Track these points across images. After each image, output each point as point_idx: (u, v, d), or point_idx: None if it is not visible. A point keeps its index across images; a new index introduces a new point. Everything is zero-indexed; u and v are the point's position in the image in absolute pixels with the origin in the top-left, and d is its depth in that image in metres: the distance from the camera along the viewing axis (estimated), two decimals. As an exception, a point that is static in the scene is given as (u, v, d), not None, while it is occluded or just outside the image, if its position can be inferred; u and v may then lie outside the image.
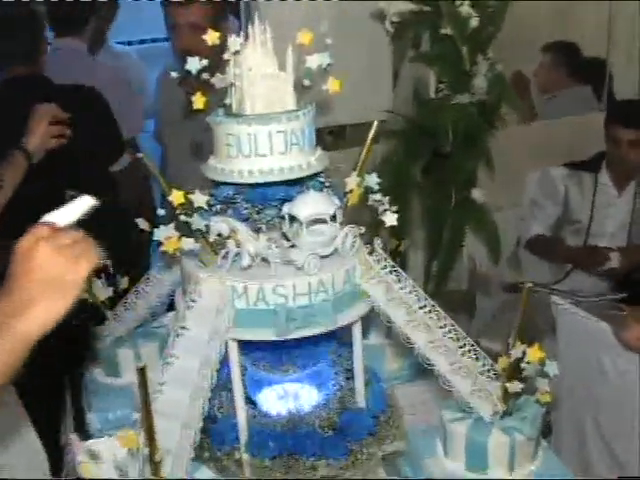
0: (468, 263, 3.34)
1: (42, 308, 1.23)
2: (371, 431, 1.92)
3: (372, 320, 2.31)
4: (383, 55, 3.22)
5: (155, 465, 1.53)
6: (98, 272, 2.23)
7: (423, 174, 3.05)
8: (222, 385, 1.99)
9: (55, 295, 1.24)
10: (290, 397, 2.00)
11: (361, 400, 1.98)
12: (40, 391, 2.28)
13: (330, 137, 3.35)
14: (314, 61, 1.77)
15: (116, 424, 2.09)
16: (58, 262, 1.23)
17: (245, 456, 1.85)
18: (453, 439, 1.81)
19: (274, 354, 1.91)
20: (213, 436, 1.91)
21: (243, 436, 1.86)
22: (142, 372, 1.46)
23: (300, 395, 2.01)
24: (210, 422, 1.94)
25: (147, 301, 2.16)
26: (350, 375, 2.02)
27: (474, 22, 2.79)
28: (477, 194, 2.94)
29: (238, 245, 1.71)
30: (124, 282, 2.27)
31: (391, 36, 3.03)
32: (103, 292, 2.21)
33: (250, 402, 1.97)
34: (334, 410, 1.94)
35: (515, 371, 1.78)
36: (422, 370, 2.29)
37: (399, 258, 2.34)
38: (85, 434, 2.10)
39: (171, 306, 2.23)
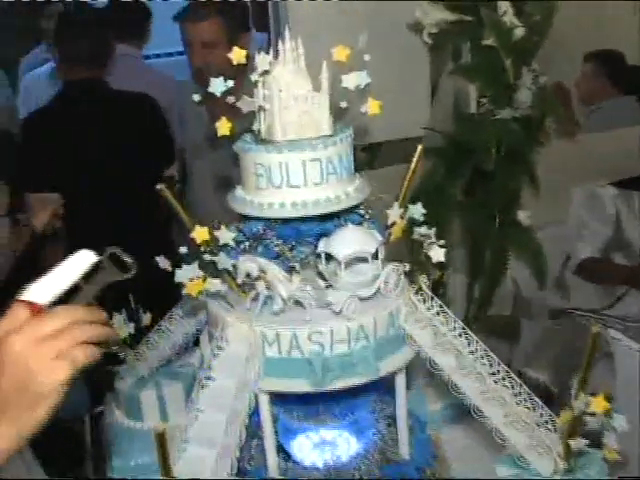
0: (512, 287, 3.14)
1: (7, 420, 0.98)
2: (415, 485, 1.74)
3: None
4: (421, 68, 3.03)
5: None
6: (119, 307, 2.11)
7: (464, 194, 2.87)
8: (252, 433, 1.82)
9: (24, 404, 0.98)
10: (327, 446, 1.82)
11: (405, 451, 1.80)
12: (59, 436, 2.14)
13: (364, 154, 3.16)
14: (351, 81, 1.59)
15: (138, 471, 1.94)
16: (32, 360, 0.98)
17: (277, 515, 1.69)
18: (510, 500, 1.62)
19: (309, 404, 1.73)
20: (243, 493, 1.74)
21: (275, 495, 1.69)
22: (161, 438, 1.30)
23: (338, 444, 1.83)
24: (240, 475, 1.78)
25: (171, 341, 2.00)
26: (392, 422, 1.84)
27: (519, 32, 2.61)
28: (523, 216, 2.75)
29: (269, 287, 1.53)
30: (146, 319, 2.11)
31: (429, 48, 2.85)
32: (124, 329, 2.06)
33: (282, 451, 1.80)
34: (375, 462, 1.76)
35: (578, 424, 1.59)
36: (461, 413, 2.15)
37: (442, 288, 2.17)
38: (105, 481, 1.96)
39: (197, 341, 2.07)
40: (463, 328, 1.66)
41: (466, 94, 2.84)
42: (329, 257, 1.57)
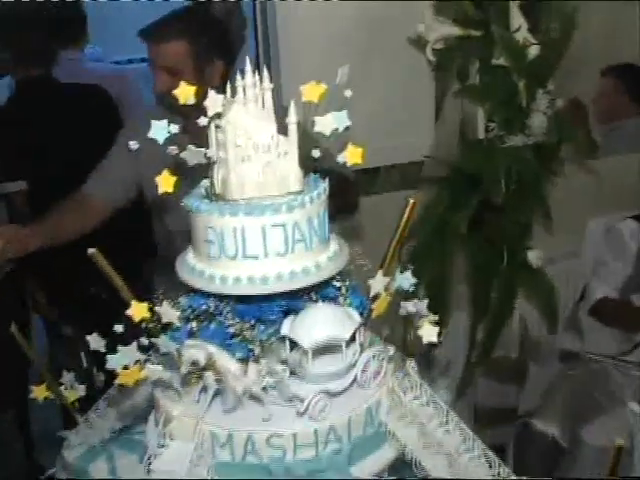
0: (519, 327, 2.86)
1: None
2: None
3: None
4: (424, 88, 2.74)
5: None
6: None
7: (470, 227, 2.58)
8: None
9: None
10: None
11: None
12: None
13: (365, 177, 2.88)
14: (327, 124, 1.30)
15: None
16: None
17: None
18: None
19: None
20: None
21: None
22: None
23: None
24: None
25: (120, 411, 1.72)
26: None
27: (534, 50, 2.32)
28: (533, 257, 2.47)
29: (219, 380, 1.26)
30: (99, 379, 1.84)
31: (433, 66, 2.56)
32: (73, 392, 1.79)
33: None
34: None
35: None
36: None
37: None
38: None
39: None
40: (457, 422, 1.38)
41: (473, 118, 2.55)
42: (294, 343, 1.29)
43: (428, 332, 1.40)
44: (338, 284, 1.38)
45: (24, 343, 1.82)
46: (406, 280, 1.40)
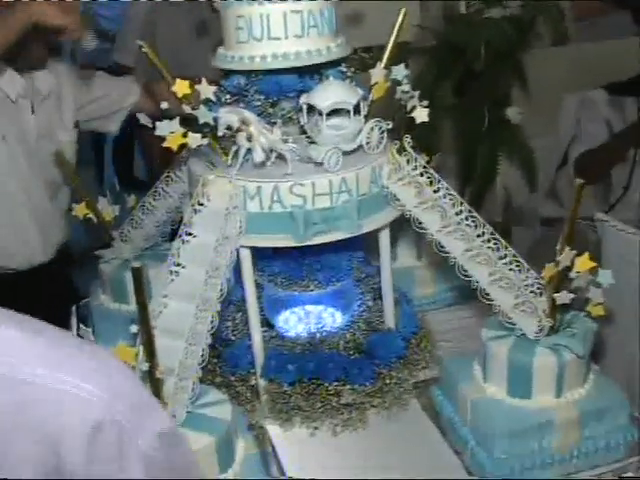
0: (503, 194, 3.11)
1: None
2: (400, 354, 1.74)
3: (400, 241, 2.13)
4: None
5: (155, 384, 1.35)
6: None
7: (455, 95, 2.82)
8: (236, 306, 1.82)
9: None
10: (312, 319, 1.82)
11: (390, 321, 1.79)
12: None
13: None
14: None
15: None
16: None
17: (261, 381, 1.68)
18: (493, 360, 1.60)
19: (292, 268, 1.71)
20: (226, 360, 1.74)
21: (259, 358, 1.68)
22: (137, 273, 1.28)
23: (323, 317, 1.83)
24: (223, 346, 1.77)
25: (155, 217, 1.98)
26: (378, 296, 1.83)
27: None
28: (512, 113, 2.71)
29: (250, 139, 1.51)
30: (131, 200, 2.10)
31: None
32: (109, 211, 2.04)
33: (268, 325, 1.80)
34: (360, 331, 1.76)
35: (563, 281, 1.58)
36: (458, 298, 2.13)
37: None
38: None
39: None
40: (447, 189, 1.64)
41: (456, -7, 2.79)
42: (311, 110, 1.55)
43: (420, 114, 1.66)
44: (344, 69, 1.64)
45: (69, 168, 2.06)
46: (400, 71, 1.65)
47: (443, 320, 2.04)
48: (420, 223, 1.62)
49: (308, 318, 1.82)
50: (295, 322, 1.82)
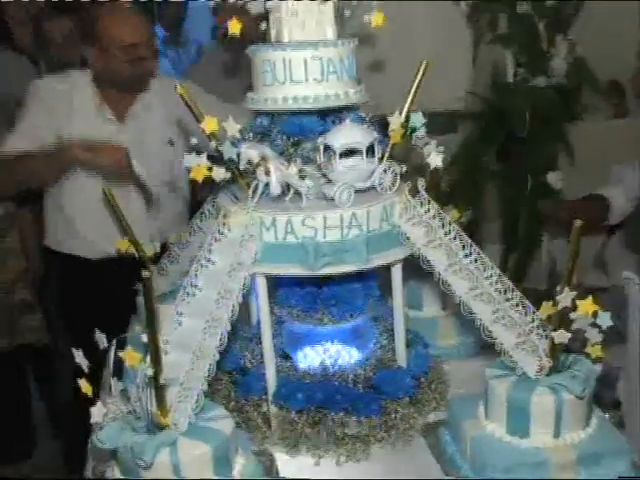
0: (548, 260, 3.14)
1: None
2: (408, 392, 1.79)
3: (427, 292, 2.19)
4: (462, 39, 3.10)
5: (159, 389, 1.45)
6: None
7: (500, 161, 2.91)
8: (256, 339, 1.91)
9: None
10: (329, 356, 1.89)
11: (402, 360, 1.85)
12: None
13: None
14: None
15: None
16: None
17: (272, 407, 1.75)
18: (494, 398, 1.63)
19: (308, 301, 1.80)
20: (240, 386, 1.82)
21: (271, 387, 1.76)
22: (147, 283, 1.39)
23: (341, 355, 1.90)
24: (241, 374, 1.86)
25: (190, 252, 2.10)
26: (393, 336, 1.89)
27: (553, -1, 2.67)
28: (553, 178, 2.78)
29: (267, 173, 1.63)
30: (171, 237, 2.24)
31: (467, 17, 2.93)
32: (150, 247, 2.18)
33: (284, 357, 1.88)
34: (371, 367, 1.82)
35: (563, 321, 1.61)
36: (479, 349, 2.17)
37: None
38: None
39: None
40: (458, 231, 1.71)
41: (503, 63, 2.90)
42: (327, 150, 1.66)
43: (434, 159, 1.74)
44: (363, 115, 1.75)
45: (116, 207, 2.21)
46: (418, 118, 1.76)
47: (460, 368, 2.06)
48: (428, 261, 1.69)
49: (325, 354, 1.89)
50: (312, 357, 1.89)
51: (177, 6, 4.86)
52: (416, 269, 2.04)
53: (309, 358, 1.89)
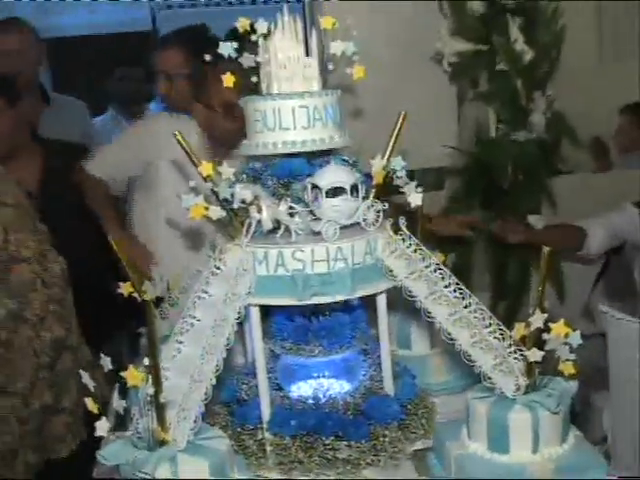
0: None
1: None
2: (396, 417, 1.89)
3: (415, 331, 2.31)
4: (448, 97, 3.29)
5: (159, 407, 1.56)
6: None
7: (484, 210, 3.06)
8: (252, 373, 2.02)
9: None
10: (321, 389, 1.99)
11: (389, 388, 1.96)
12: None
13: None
14: (338, 48, 1.86)
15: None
16: None
17: (267, 434, 1.85)
18: (475, 418, 1.74)
19: (299, 333, 1.92)
20: (237, 416, 1.92)
21: (266, 415, 1.87)
22: (148, 306, 1.52)
23: (332, 387, 2.00)
24: (237, 404, 1.97)
25: (189, 295, 2.22)
26: (381, 367, 2.00)
27: (528, 56, 2.85)
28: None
29: (259, 211, 1.77)
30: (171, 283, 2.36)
31: (449, 76, 3.12)
32: (152, 290, 2.30)
33: (279, 388, 1.99)
34: (360, 395, 1.93)
35: (536, 342, 1.72)
36: (470, 385, 2.26)
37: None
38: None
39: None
40: (437, 264, 1.84)
41: (486, 120, 3.08)
42: (314, 189, 1.81)
43: (415, 198, 1.89)
44: (346, 158, 1.90)
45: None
46: (399, 162, 1.91)
47: (449, 402, 2.16)
48: (410, 291, 1.82)
49: (319, 388, 1.99)
50: (305, 390, 2.00)
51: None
52: (402, 309, 2.20)
53: (302, 391, 2.00)
